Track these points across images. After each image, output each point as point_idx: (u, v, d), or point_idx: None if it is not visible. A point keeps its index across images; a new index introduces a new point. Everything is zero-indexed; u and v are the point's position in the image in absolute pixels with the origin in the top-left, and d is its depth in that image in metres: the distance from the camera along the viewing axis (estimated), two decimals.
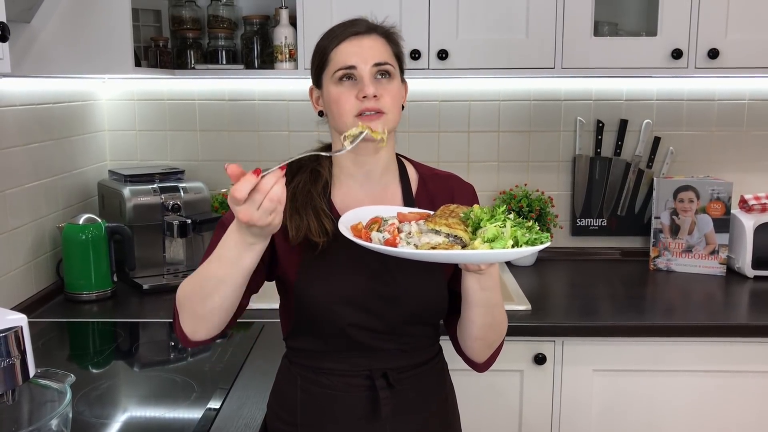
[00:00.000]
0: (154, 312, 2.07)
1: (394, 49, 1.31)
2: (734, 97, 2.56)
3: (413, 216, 1.19)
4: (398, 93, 1.29)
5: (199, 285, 1.18)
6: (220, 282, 1.15)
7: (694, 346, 1.96)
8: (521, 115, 2.59)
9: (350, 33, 1.27)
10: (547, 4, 2.16)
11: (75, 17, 1.88)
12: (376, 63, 1.25)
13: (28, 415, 1.12)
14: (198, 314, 1.20)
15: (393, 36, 1.32)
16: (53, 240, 2.20)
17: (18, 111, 2.01)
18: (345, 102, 1.24)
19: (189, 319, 1.21)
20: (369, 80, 1.24)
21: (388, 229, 1.15)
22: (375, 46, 1.27)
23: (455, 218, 1.14)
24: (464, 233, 1.11)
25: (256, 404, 1.45)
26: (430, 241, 1.11)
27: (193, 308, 1.20)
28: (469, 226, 1.12)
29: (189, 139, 2.61)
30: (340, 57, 1.26)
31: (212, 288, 1.16)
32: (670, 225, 2.45)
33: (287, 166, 1.06)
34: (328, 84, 1.28)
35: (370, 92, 1.23)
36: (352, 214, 1.22)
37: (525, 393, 1.99)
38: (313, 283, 1.26)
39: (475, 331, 1.29)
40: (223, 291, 1.16)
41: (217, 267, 1.14)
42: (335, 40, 1.28)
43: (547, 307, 2.08)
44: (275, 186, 1.02)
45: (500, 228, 1.09)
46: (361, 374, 1.30)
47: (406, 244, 1.12)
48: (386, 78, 1.26)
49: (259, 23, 2.44)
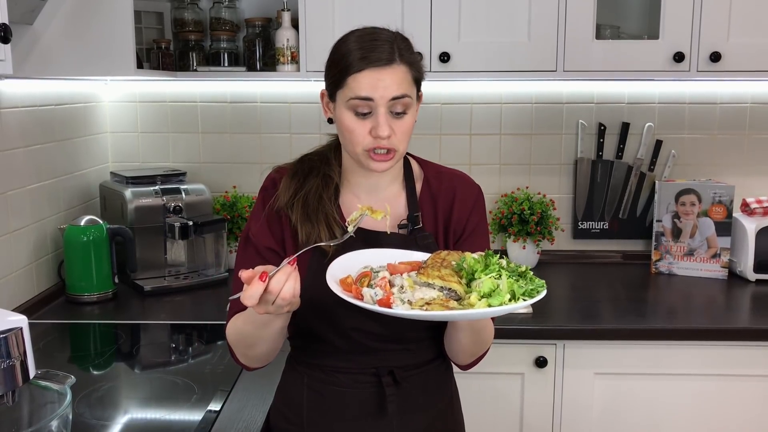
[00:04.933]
0: (155, 314, 2.07)
1: (415, 75, 1.27)
2: (736, 100, 2.56)
3: (404, 267, 1.17)
4: (411, 124, 1.27)
5: (241, 336, 1.27)
6: (257, 338, 1.24)
7: (696, 349, 1.96)
8: (523, 117, 2.58)
9: (372, 62, 1.22)
10: (549, 7, 2.16)
11: (77, 19, 1.88)
12: (394, 97, 1.22)
13: (28, 416, 1.12)
14: (248, 356, 1.30)
15: (416, 62, 1.28)
16: (55, 241, 2.21)
17: (20, 113, 2.01)
18: (358, 135, 1.24)
19: (241, 356, 1.31)
20: (383, 118, 1.22)
21: (379, 284, 1.12)
22: (395, 78, 1.22)
23: (448, 269, 1.12)
24: (459, 286, 1.09)
25: (256, 406, 1.45)
26: (424, 296, 1.08)
27: (243, 352, 1.30)
28: (463, 278, 1.11)
29: (191, 141, 2.61)
30: (357, 86, 1.22)
31: (251, 342, 1.26)
32: (672, 228, 2.45)
33: (300, 252, 1.13)
34: (342, 105, 1.25)
35: (385, 134, 1.22)
36: (342, 262, 1.20)
37: (526, 396, 1.99)
38: (321, 288, 1.26)
39: (458, 347, 1.32)
40: (262, 344, 1.25)
41: (250, 326, 1.22)
42: (356, 66, 1.22)
43: (548, 311, 2.07)
44: (287, 283, 1.07)
45: (495, 280, 1.07)
46: (367, 372, 1.31)
47: (400, 301, 1.08)
48: (401, 111, 1.24)
49: (261, 25, 2.44)
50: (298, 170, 1.34)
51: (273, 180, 1.36)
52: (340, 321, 1.27)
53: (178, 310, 2.10)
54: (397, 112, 1.24)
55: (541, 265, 2.55)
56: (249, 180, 2.58)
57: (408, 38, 1.30)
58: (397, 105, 1.23)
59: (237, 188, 2.59)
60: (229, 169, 2.62)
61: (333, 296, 1.25)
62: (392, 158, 1.26)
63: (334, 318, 1.27)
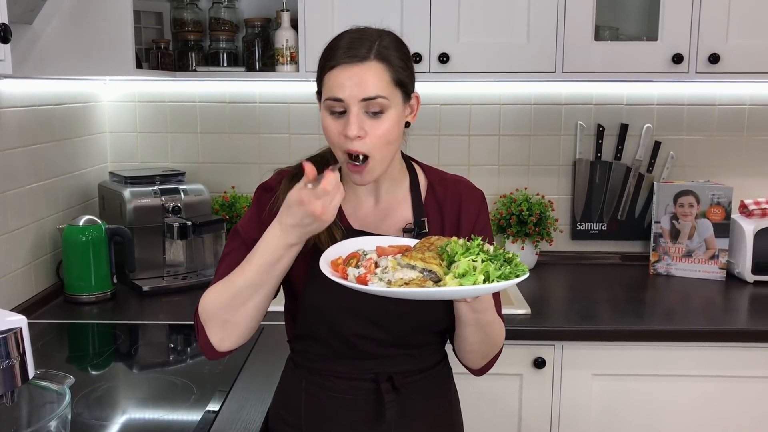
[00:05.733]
0: (154, 314, 2.07)
1: (394, 76, 1.20)
2: (735, 102, 2.56)
3: (392, 250, 1.17)
4: (390, 127, 1.20)
5: (232, 294, 1.20)
6: (257, 288, 1.18)
7: (694, 351, 1.96)
8: (522, 118, 2.59)
9: (346, 58, 1.18)
10: (548, 9, 2.17)
11: (77, 19, 1.88)
12: (365, 98, 1.17)
13: (27, 416, 1.12)
14: (230, 322, 1.21)
15: (395, 60, 1.20)
16: (53, 241, 2.20)
17: (19, 112, 2.01)
18: (331, 134, 1.22)
19: (218, 329, 1.22)
20: (354, 118, 1.17)
21: (365, 264, 1.13)
22: (368, 77, 1.17)
23: (432, 252, 1.13)
24: (438, 267, 1.10)
25: (255, 407, 1.45)
26: (404, 276, 1.09)
27: (225, 317, 1.21)
28: (444, 260, 1.11)
29: (190, 142, 2.61)
30: (330, 85, 1.19)
31: (248, 295, 1.19)
32: (670, 229, 2.45)
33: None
34: (322, 106, 1.24)
35: (353, 134, 1.17)
36: (336, 249, 1.20)
37: (524, 397, 1.99)
38: (321, 292, 1.26)
39: (468, 346, 1.30)
40: (258, 297, 1.19)
41: (253, 274, 1.17)
42: (331, 61, 1.19)
43: (546, 311, 2.07)
44: (340, 183, 1.10)
45: (473, 263, 1.07)
46: (366, 378, 1.30)
47: (378, 279, 1.09)
48: (378, 111, 1.18)
49: (260, 26, 2.44)
50: (297, 174, 1.34)
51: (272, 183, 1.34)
52: (342, 326, 1.26)
53: (177, 311, 2.10)
54: (374, 112, 1.18)
55: (539, 266, 2.55)
56: (248, 180, 2.58)
57: (400, 38, 1.26)
58: (372, 105, 1.18)
59: (236, 188, 2.59)
60: (228, 170, 2.62)
61: (335, 301, 1.25)
62: (367, 169, 1.20)
63: (336, 323, 1.26)
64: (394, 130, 1.21)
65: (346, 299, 1.24)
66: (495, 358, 1.36)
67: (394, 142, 1.23)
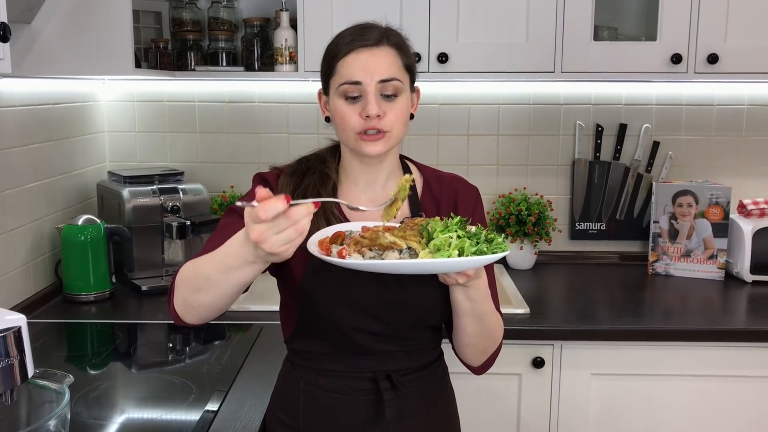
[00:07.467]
0: (153, 313, 2.06)
1: (405, 60, 1.27)
2: (733, 102, 2.56)
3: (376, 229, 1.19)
4: (404, 109, 1.26)
5: (194, 275, 1.16)
6: (211, 283, 1.12)
7: (692, 350, 1.96)
8: (521, 118, 2.59)
9: (359, 44, 1.24)
10: (547, 9, 2.17)
11: (76, 18, 1.88)
12: (382, 80, 1.23)
13: (27, 415, 1.12)
14: (188, 302, 1.18)
15: (405, 47, 1.29)
16: (52, 241, 2.20)
17: (18, 111, 2.01)
18: (349, 119, 1.24)
19: (180, 303, 1.20)
20: (373, 98, 1.22)
21: (348, 242, 1.15)
22: (383, 60, 1.24)
23: (414, 231, 1.15)
24: (417, 244, 1.12)
25: (254, 406, 1.45)
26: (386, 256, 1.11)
27: (185, 295, 1.18)
28: (424, 238, 1.13)
29: (188, 141, 2.61)
30: (346, 70, 1.24)
31: (203, 285, 1.14)
32: (669, 229, 2.45)
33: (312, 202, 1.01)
34: (334, 95, 1.27)
35: (374, 113, 1.22)
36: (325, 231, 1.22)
37: (523, 397, 1.99)
38: (320, 285, 1.26)
39: (465, 339, 1.31)
40: (213, 293, 1.13)
41: (212, 267, 1.11)
42: (343, 50, 1.24)
43: (545, 311, 2.08)
44: (304, 219, 0.97)
45: (449, 239, 1.09)
46: (364, 376, 1.30)
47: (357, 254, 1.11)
48: (392, 94, 1.24)
49: (259, 25, 2.44)
50: (296, 169, 1.35)
51: (272, 175, 1.36)
52: (340, 320, 1.27)
53: None
54: (388, 95, 1.24)
55: (538, 265, 2.56)
56: (247, 180, 2.53)
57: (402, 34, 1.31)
58: (388, 87, 1.23)
59: (234, 188, 2.59)
60: (227, 169, 2.61)
61: (333, 293, 1.25)
62: (383, 139, 1.24)
63: (334, 317, 1.27)
64: (406, 113, 1.28)
65: (345, 292, 1.25)
66: (494, 355, 1.36)
67: (407, 123, 1.28)
